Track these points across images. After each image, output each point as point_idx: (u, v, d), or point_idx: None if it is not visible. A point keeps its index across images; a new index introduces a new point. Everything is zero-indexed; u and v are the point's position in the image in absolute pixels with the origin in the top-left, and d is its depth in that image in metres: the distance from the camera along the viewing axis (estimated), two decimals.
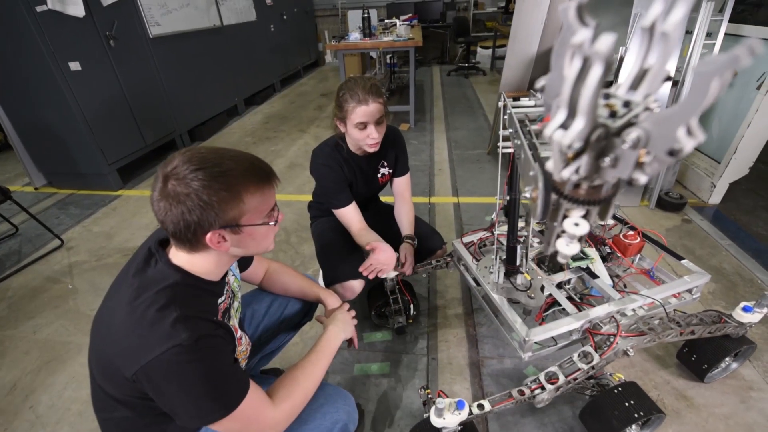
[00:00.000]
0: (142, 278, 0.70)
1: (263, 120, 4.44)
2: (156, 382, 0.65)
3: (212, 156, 0.68)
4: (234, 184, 0.68)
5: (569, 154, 0.31)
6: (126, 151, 2.99)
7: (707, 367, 1.26)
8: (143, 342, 0.64)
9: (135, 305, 0.67)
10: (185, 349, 0.63)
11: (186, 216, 0.66)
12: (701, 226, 2.14)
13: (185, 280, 0.72)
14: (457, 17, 6.06)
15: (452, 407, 0.97)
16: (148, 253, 0.75)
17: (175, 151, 0.69)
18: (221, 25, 4.15)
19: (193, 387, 0.66)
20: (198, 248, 0.71)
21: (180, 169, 0.65)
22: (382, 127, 1.28)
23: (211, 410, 0.68)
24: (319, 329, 1.61)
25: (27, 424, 1.32)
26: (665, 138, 0.28)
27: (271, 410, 0.77)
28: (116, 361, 0.67)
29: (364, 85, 1.22)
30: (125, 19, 2.90)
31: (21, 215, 2.43)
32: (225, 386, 0.69)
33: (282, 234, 2.27)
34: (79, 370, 1.50)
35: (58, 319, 1.76)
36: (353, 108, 1.22)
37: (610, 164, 0.32)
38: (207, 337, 0.68)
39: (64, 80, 2.48)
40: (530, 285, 1.13)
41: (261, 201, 0.73)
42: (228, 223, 0.69)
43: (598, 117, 0.31)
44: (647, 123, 0.30)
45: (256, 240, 0.76)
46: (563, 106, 0.29)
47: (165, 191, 0.66)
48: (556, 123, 0.30)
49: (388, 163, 1.50)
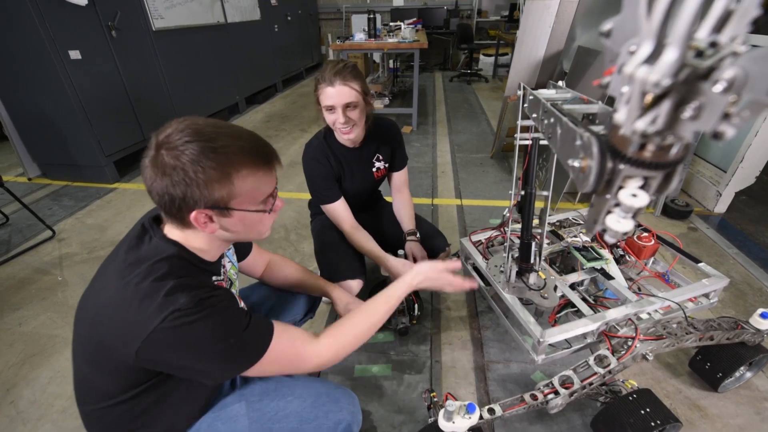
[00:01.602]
0: (136, 254, 0.66)
1: (264, 118, 4.40)
2: (163, 354, 0.60)
3: (209, 129, 0.63)
4: (225, 163, 0.62)
5: (650, 98, 0.27)
6: (123, 143, 2.93)
7: (722, 376, 1.22)
8: (140, 315, 0.59)
9: (127, 281, 0.62)
10: (185, 312, 0.59)
11: (170, 189, 0.61)
12: (707, 235, 2.11)
13: (180, 253, 0.67)
14: (460, 24, 6.08)
15: (462, 410, 0.91)
16: (142, 230, 0.70)
17: (173, 119, 0.64)
18: (225, 23, 4.13)
19: (206, 347, 0.61)
20: (186, 225, 0.67)
21: (173, 138, 0.61)
22: (355, 113, 1.19)
23: (239, 361, 0.65)
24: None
25: (6, 420, 1.25)
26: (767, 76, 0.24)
27: (312, 345, 0.75)
28: (111, 343, 0.62)
29: (333, 67, 1.14)
30: (128, 10, 2.86)
31: (12, 205, 2.36)
32: (242, 339, 0.65)
33: (282, 231, 2.21)
34: (65, 365, 1.43)
35: (46, 311, 1.68)
36: (321, 90, 1.16)
37: (692, 114, 0.28)
38: (207, 298, 0.63)
39: (64, 69, 2.43)
40: (544, 284, 1.09)
41: (255, 185, 0.67)
42: (215, 204, 0.64)
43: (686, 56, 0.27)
44: (743, 60, 0.25)
45: (247, 226, 0.70)
46: (650, 37, 0.25)
47: (155, 159, 0.61)
48: (640, 57, 0.26)
49: (383, 157, 1.43)
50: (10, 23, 2.29)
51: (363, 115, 1.22)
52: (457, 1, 6.65)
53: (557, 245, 1.30)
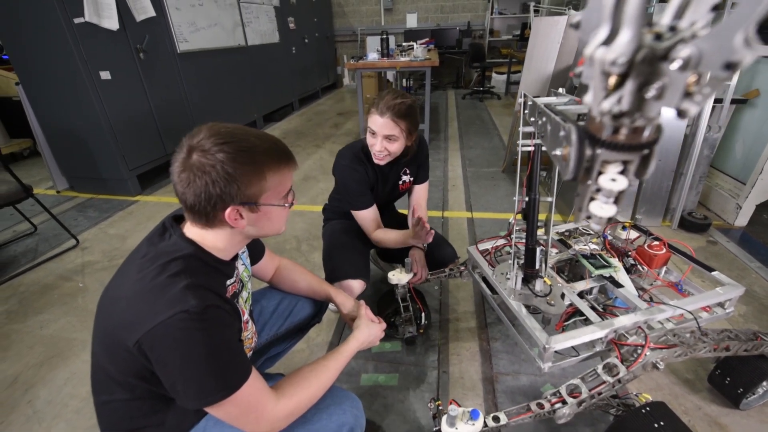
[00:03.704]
0: (155, 249, 0.70)
1: (281, 135, 4.53)
2: (159, 350, 0.62)
3: (238, 132, 0.69)
4: (258, 161, 0.69)
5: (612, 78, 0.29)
6: (146, 158, 3.07)
7: (743, 392, 1.16)
8: (150, 307, 0.62)
9: (144, 274, 0.66)
10: (192, 316, 0.61)
11: (209, 188, 0.66)
12: (728, 248, 2.05)
13: (197, 253, 0.71)
14: (473, 44, 6.21)
15: (466, 416, 0.90)
16: (162, 228, 0.75)
17: (202, 125, 0.69)
18: (246, 45, 4.33)
19: (196, 359, 0.63)
20: (214, 224, 0.71)
21: (205, 142, 0.66)
22: (393, 145, 1.27)
23: (213, 389, 0.64)
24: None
25: (23, 419, 1.29)
26: (720, 51, 0.26)
27: (273, 403, 0.73)
28: (120, 330, 0.65)
29: (392, 99, 1.22)
30: (156, 34, 3.05)
31: (40, 216, 2.48)
32: (228, 364, 0.66)
33: (294, 242, 2.25)
34: (81, 367, 1.47)
35: (66, 315, 1.75)
36: (372, 113, 1.25)
37: (656, 94, 0.30)
38: (215, 308, 0.65)
39: (94, 88, 2.59)
40: (550, 291, 1.08)
41: (280, 181, 0.73)
42: (248, 200, 0.69)
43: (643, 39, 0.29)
44: (698, 40, 0.27)
45: (271, 221, 0.76)
46: (606, 21, 0.27)
47: (188, 162, 0.66)
48: (598, 40, 0.28)
49: (410, 171, 1.50)
50: (49, 46, 2.48)
51: (401, 150, 1.30)
52: (470, 21, 6.81)
53: (565, 253, 1.29)
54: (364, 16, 7.17)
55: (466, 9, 6.83)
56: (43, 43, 2.48)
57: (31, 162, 3.85)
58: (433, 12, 6.90)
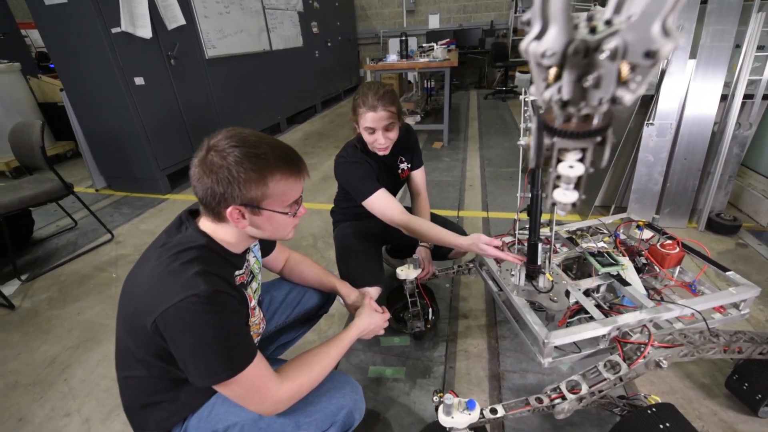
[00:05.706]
0: (172, 240, 0.77)
1: (303, 137, 4.66)
2: (171, 331, 0.68)
3: (253, 138, 0.74)
4: (263, 168, 0.73)
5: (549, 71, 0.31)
6: (176, 158, 3.25)
7: (761, 398, 1.11)
8: (165, 290, 0.68)
9: (161, 261, 0.72)
10: (201, 299, 0.67)
11: (214, 186, 0.71)
12: (759, 251, 1.94)
13: (210, 245, 0.77)
14: (495, 43, 6.14)
15: (462, 406, 0.92)
16: (179, 221, 0.82)
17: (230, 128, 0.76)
18: (270, 50, 4.49)
19: (205, 340, 0.68)
20: (221, 219, 0.77)
21: (221, 143, 0.72)
22: (391, 132, 1.31)
23: (220, 369, 0.70)
24: (337, 330, 1.62)
25: (60, 395, 1.41)
26: (641, 42, 0.28)
27: (276, 385, 0.78)
28: (140, 312, 0.71)
29: (376, 92, 1.26)
30: (186, 41, 3.22)
31: (80, 213, 2.68)
32: (235, 346, 0.72)
33: (310, 239, 2.33)
34: (112, 350, 1.55)
35: (101, 303, 1.89)
36: (363, 113, 1.27)
37: (593, 83, 0.32)
38: (223, 294, 0.71)
39: (129, 93, 2.78)
40: (552, 287, 1.08)
41: (285, 190, 0.77)
42: (249, 202, 0.74)
43: (577, 33, 0.32)
44: (623, 31, 0.29)
45: (273, 226, 0.80)
46: (537, 17, 0.30)
47: (204, 159, 0.72)
48: (530, 36, 0.30)
49: (406, 159, 1.53)
50: (89, 55, 2.67)
51: (398, 131, 1.34)
52: (493, 21, 6.73)
53: (572, 251, 1.28)
54: (386, 19, 7.23)
55: (490, 8, 6.75)
56: (85, 52, 2.68)
57: (73, 162, 4.14)
58: (456, 12, 6.87)
